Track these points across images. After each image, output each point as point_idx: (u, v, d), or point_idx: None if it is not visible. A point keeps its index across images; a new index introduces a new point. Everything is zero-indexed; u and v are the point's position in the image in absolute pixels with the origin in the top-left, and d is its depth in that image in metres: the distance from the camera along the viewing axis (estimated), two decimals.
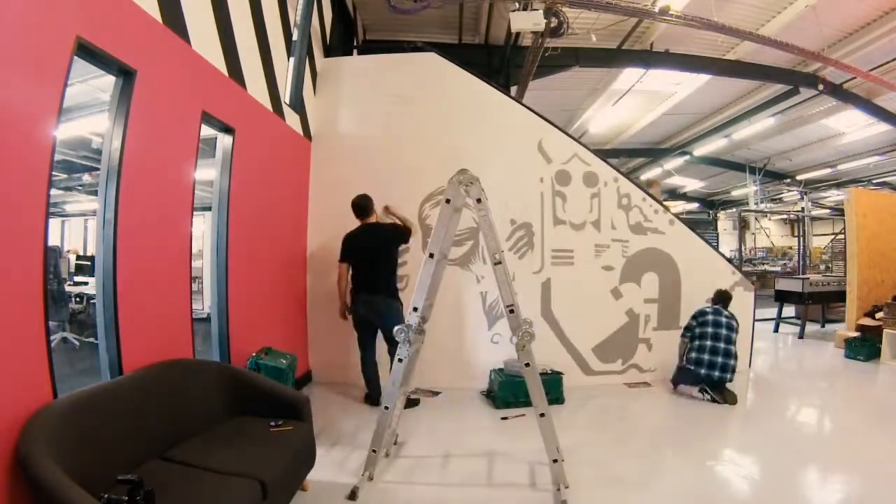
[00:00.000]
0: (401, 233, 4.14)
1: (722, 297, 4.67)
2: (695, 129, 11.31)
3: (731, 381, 4.24)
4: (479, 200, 2.71)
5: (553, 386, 4.09)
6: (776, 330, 7.52)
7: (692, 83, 8.27)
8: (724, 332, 4.31)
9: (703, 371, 4.22)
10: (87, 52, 2.10)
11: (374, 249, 3.98)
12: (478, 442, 3.46)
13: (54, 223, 10.49)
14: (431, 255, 2.70)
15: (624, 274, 4.85)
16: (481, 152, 4.81)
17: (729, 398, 4.17)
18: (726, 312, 4.48)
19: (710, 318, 4.40)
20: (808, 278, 7.35)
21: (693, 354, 4.32)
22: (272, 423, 2.42)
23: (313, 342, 4.77)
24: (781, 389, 4.68)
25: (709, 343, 4.28)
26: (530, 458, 3.12)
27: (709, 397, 4.19)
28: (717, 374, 4.18)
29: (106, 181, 2.32)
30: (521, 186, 4.82)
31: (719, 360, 4.21)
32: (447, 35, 7.09)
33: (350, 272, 4.05)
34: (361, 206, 4.07)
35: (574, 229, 4.83)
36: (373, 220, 4.13)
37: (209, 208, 3.50)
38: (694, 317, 4.52)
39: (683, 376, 4.39)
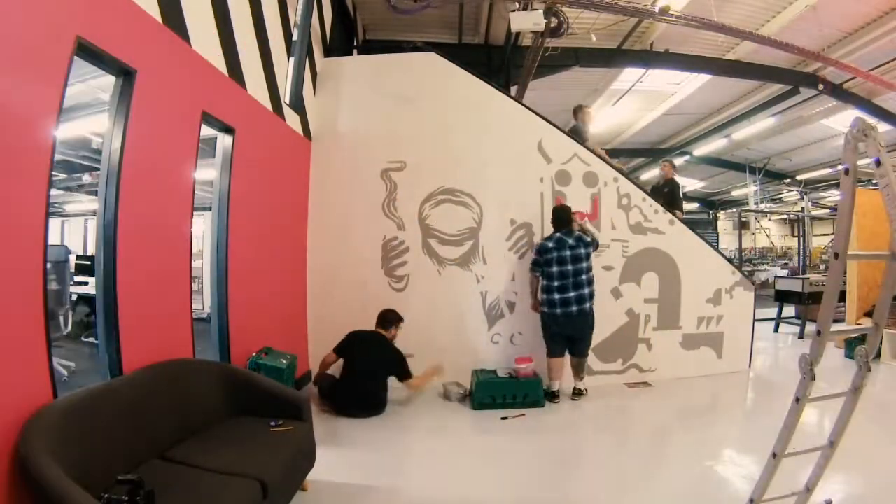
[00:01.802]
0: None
1: (559, 218, 4.32)
2: (695, 129, 11.30)
3: (590, 308, 4.14)
4: (878, 163, 1.55)
5: (532, 388, 4.07)
6: (776, 330, 7.52)
7: (692, 83, 8.27)
8: (570, 267, 4.09)
9: (558, 311, 4.08)
10: (87, 52, 2.09)
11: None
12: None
13: (54, 223, 10.48)
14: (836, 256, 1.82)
15: (624, 274, 4.85)
16: (481, 152, 4.82)
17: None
18: (570, 241, 4.16)
19: (554, 254, 4.14)
20: (808, 278, 7.34)
21: (544, 295, 4.16)
22: (272, 423, 2.42)
23: (313, 342, 4.77)
24: (781, 389, 4.68)
25: (556, 283, 4.09)
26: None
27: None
28: (574, 309, 4.05)
29: (106, 181, 2.32)
30: (521, 186, 4.82)
31: (572, 294, 4.06)
32: (447, 35, 7.09)
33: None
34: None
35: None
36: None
37: (209, 208, 3.50)
38: (537, 251, 4.28)
39: (545, 331, 4.23)
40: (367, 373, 3.86)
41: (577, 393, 4.30)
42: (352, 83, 5.06)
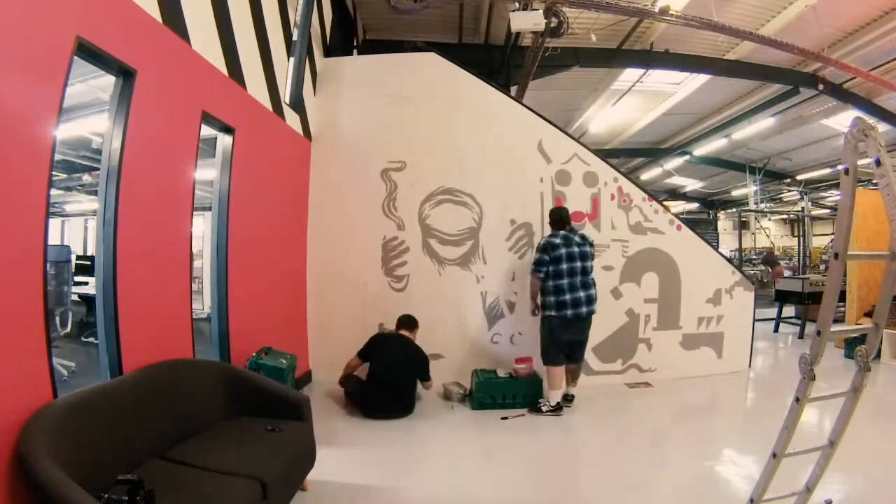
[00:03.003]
0: None
1: (560, 219, 4.09)
2: (695, 129, 11.31)
3: (594, 311, 3.96)
4: (878, 163, 1.57)
5: (532, 388, 4.07)
6: (776, 330, 7.52)
7: (692, 83, 8.27)
8: (578, 263, 3.87)
9: (568, 312, 3.82)
10: (87, 52, 2.10)
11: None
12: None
13: (54, 223, 10.48)
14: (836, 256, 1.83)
15: (624, 274, 4.85)
16: (481, 152, 4.82)
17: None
18: (576, 238, 3.97)
19: (563, 251, 3.86)
20: (808, 278, 7.34)
21: (551, 298, 3.88)
22: (268, 427, 2.41)
23: (313, 342, 4.78)
24: (781, 389, 4.68)
25: (565, 281, 3.83)
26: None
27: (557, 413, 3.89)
28: (584, 309, 3.85)
29: (106, 181, 2.32)
30: (521, 186, 4.82)
31: (581, 294, 3.85)
32: (447, 35, 7.09)
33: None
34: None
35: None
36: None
37: (209, 208, 3.50)
38: (542, 250, 3.95)
39: (549, 337, 3.92)
40: (398, 373, 3.87)
41: (568, 399, 4.09)
42: (352, 83, 5.06)
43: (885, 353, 5.53)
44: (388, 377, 3.84)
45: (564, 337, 3.91)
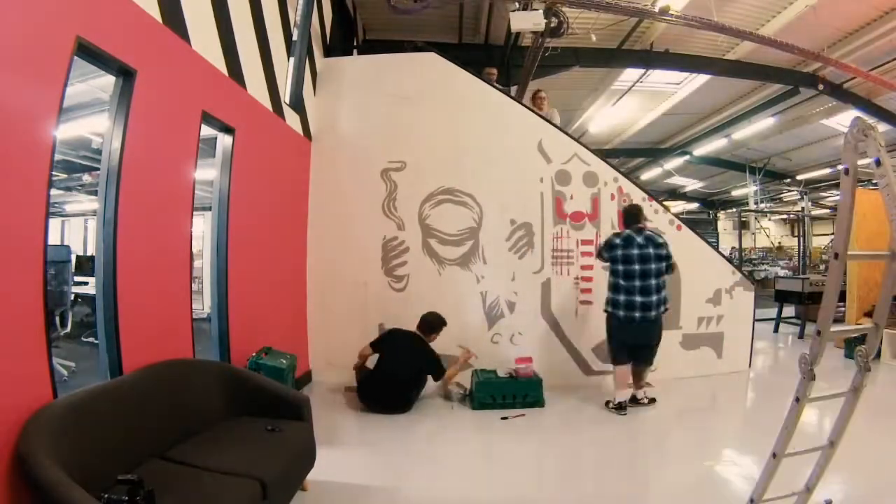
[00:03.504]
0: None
1: (630, 215, 3.96)
2: (695, 129, 11.31)
3: (665, 311, 3.83)
4: (878, 163, 1.56)
5: (532, 388, 4.06)
6: (776, 330, 7.52)
7: (692, 83, 8.27)
8: (636, 266, 3.71)
9: (621, 313, 3.75)
10: (87, 52, 2.10)
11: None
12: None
13: (54, 223, 10.47)
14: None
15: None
16: (481, 152, 4.82)
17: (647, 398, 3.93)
18: (639, 239, 3.79)
19: (619, 252, 3.79)
20: (808, 278, 7.34)
21: (609, 294, 3.82)
22: (268, 427, 2.40)
23: (313, 342, 4.77)
24: (781, 389, 4.67)
25: (622, 282, 3.74)
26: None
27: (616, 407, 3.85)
28: (637, 314, 3.72)
29: (106, 181, 2.32)
30: (521, 186, 4.82)
31: (638, 299, 3.70)
32: (447, 35, 7.09)
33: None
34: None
35: (574, 229, 4.83)
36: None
37: (209, 208, 3.50)
38: (605, 248, 3.94)
39: (610, 334, 3.89)
40: (393, 372, 3.88)
41: (634, 400, 3.99)
42: (352, 83, 5.06)
43: (885, 353, 5.54)
44: (389, 372, 3.87)
45: (621, 336, 3.86)
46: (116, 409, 2.02)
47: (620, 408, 3.88)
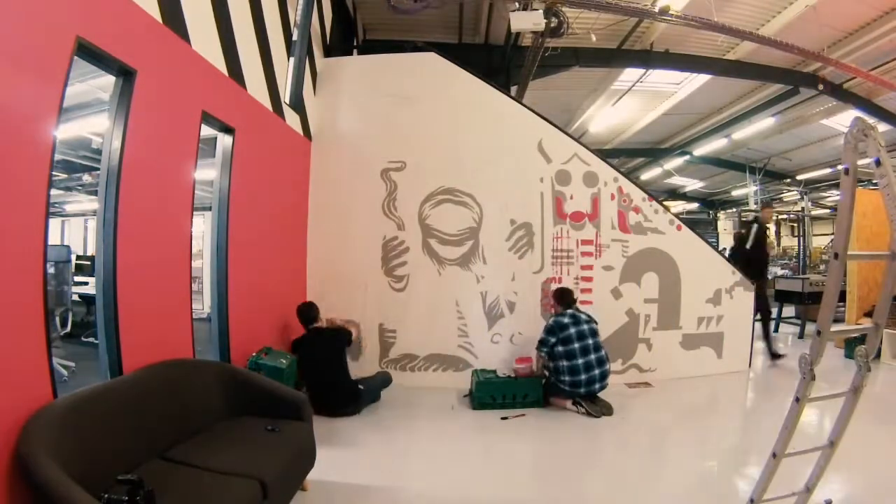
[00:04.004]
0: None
1: (564, 297, 4.19)
2: (695, 129, 11.30)
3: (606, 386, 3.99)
4: (878, 163, 1.56)
5: (532, 388, 4.06)
6: (776, 330, 7.50)
7: (692, 83, 8.26)
8: (590, 341, 3.93)
9: (582, 390, 3.85)
10: (87, 52, 2.10)
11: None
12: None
13: (54, 223, 10.48)
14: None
15: (624, 274, 4.85)
16: (481, 152, 4.82)
17: (605, 409, 3.87)
18: (583, 316, 4.06)
19: (572, 331, 3.92)
20: (808, 278, 7.34)
21: (566, 377, 3.87)
22: (268, 427, 2.40)
23: None
24: (781, 389, 4.68)
25: (580, 361, 3.86)
26: None
27: (584, 411, 3.84)
28: (597, 386, 3.89)
29: (106, 181, 2.32)
30: (521, 186, 4.82)
31: (596, 371, 3.88)
32: (447, 35, 7.09)
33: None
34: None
35: (574, 229, 4.83)
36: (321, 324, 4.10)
37: (209, 208, 3.50)
38: (550, 331, 4.02)
39: (556, 390, 3.97)
40: (323, 370, 3.79)
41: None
42: (352, 83, 5.06)
43: (885, 353, 5.53)
44: (316, 377, 3.79)
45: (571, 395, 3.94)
46: (116, 409, 2.02)
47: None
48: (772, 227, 5.89)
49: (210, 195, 3.46)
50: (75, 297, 5.81)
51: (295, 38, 4.35)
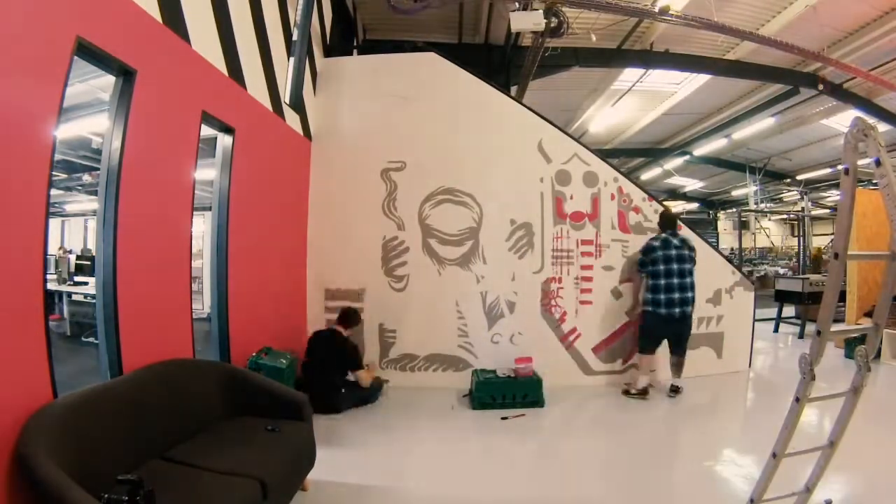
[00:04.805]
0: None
1: (669, 220, 4.47)
2: (695, 129, 11.31)
3: (691, 312, 4.23)
4: (878, 163, 1.55)
5: (532, 388, 4.06)
6: (776, 330, 7.52)
7: (692, 83, 8.27)
8: (675, 266, 4.17)
9: (662, 311, 4.16)
10: (87, 52, 2.10)
11: None
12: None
13: (54, 223, 10.48)
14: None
15: (624, 274, 4.84)
16: (481, 152, 4.82)
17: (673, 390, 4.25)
18: (675, 241, 4.28)
19: (659, 254, 4.23)
20: (808, 278, 7.34)
21: (649, 295, 4.25)
22: (268, 427, 2.41)
23: None
24: (781, 389, 4.68)
25: (662, 281, 4.17)
26: None
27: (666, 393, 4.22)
28: (677, 310, 4.15)
29: (106, 181, 2.32)
30: (521, 186, 4.82)
31: (676, 295, 4.14)
32: (447, 35, 7.09)
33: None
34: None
35: (574, 229, 4.83)
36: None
37: (209, 208, 3.50)
38: (644, 252, 4.38)
39: (646, 329, 4.33)
40: (317, 371, 3.88)
41: (674, 390, 4.31)
42: (352, 83, 5.06)
43: (885, 353, 5.53)
44: (310, 374, 3.87)
45: (659, 331, 4.28)
46: (116, 409, 2.02)
47: (644, 392, 4.25)
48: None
49: (210, 195, 3.46)
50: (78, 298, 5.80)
51: (295, 38, 4.35)
